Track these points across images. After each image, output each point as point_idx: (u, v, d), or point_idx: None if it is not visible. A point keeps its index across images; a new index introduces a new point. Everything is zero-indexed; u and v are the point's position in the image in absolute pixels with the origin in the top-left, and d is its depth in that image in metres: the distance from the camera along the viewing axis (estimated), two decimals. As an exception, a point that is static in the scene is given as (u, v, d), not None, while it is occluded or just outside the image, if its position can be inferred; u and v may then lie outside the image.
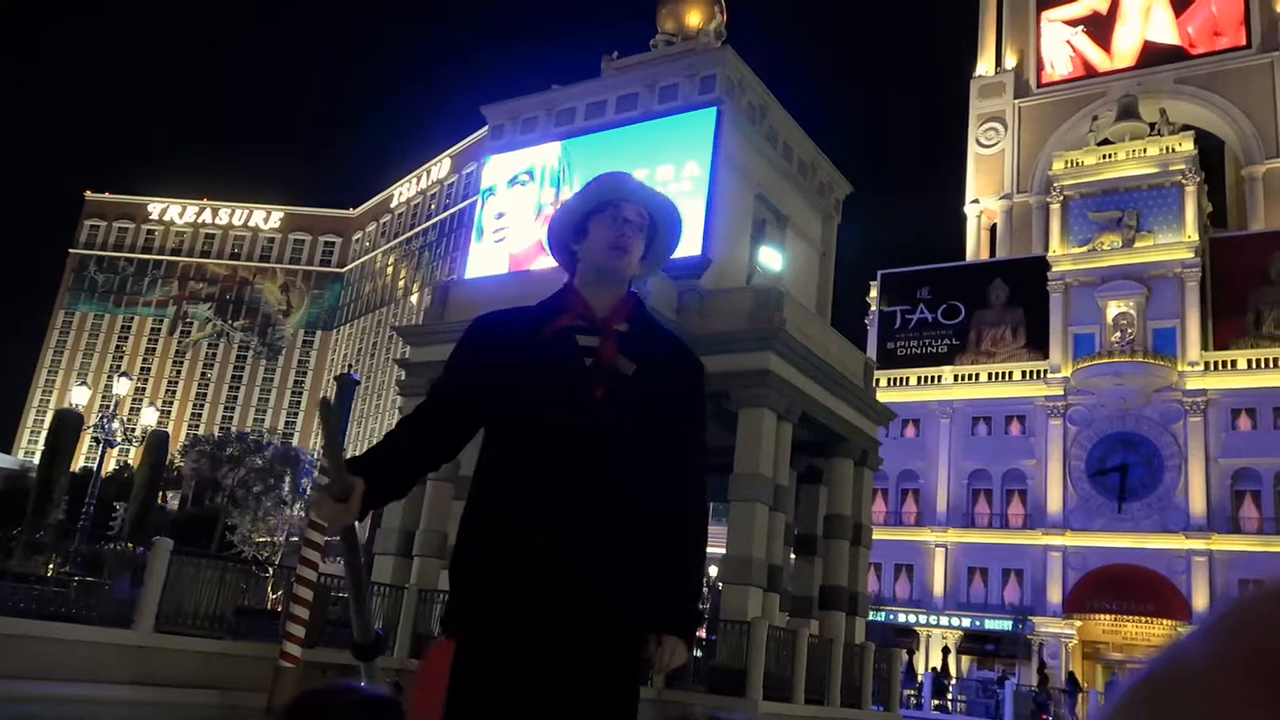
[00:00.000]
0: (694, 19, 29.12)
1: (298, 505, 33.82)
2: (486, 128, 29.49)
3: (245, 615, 16.21)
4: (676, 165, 23.73)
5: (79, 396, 33.07)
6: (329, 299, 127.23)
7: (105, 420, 29.64)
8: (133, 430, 33.19)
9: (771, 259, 24.99)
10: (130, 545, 29.76)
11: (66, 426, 33.52)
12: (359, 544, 2.41)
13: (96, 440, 30.90)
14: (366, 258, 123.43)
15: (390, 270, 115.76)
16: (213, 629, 15.19)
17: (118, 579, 20.97)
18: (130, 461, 31.88)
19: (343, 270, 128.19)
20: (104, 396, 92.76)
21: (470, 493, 2.42)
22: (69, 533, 30.06)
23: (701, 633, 24.65)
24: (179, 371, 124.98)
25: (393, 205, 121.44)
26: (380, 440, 2.41)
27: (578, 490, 2.30)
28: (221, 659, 14.56)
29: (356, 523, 2.30)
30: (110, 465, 39.33)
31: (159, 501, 39.13)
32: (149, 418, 34.96)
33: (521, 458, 2.35)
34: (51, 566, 27.50)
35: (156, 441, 34.60)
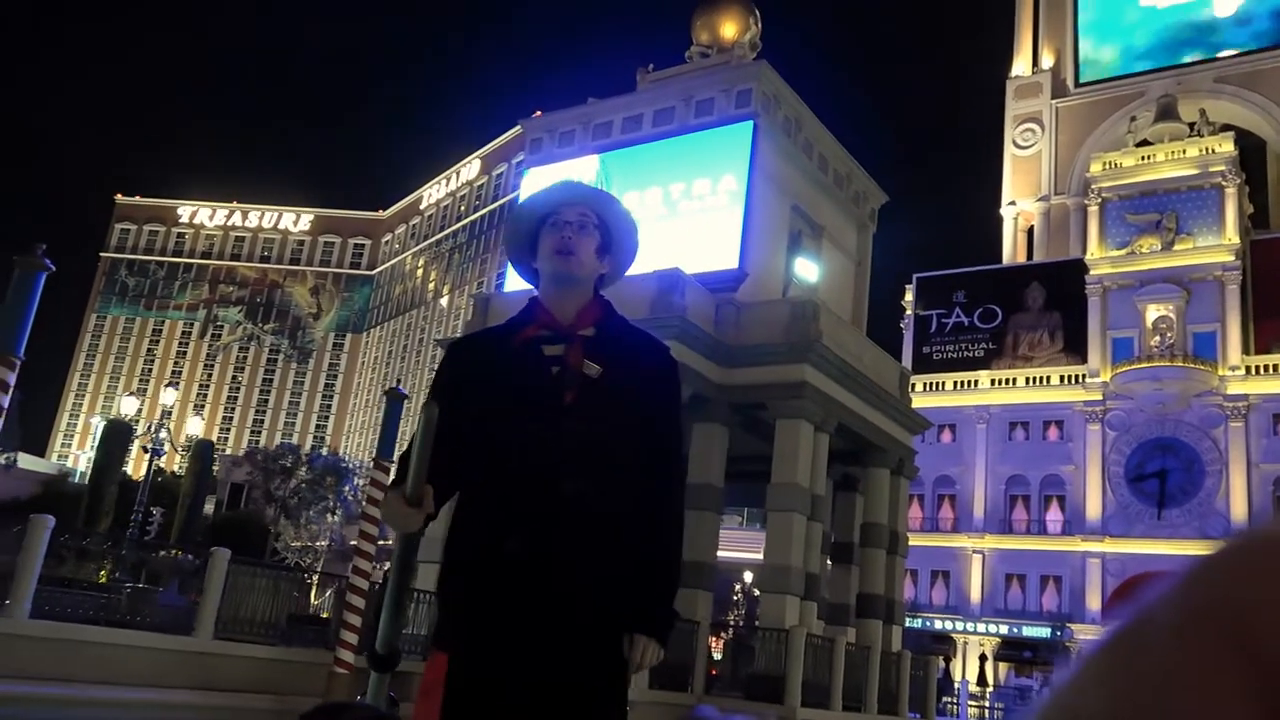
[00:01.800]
0: (729, 31, 29.41)
1: (338, 514, 34.55)
2: (517, 128, 29.97)
3: (298, 622, 16.72)
4: (713, 179, 24.05)
5: (128, 407, 33.96)
6: (359, 301, 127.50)
7: (154, 430, 30.43)
8: (177, 439, 34.02)
9: (807, 270, 25.25)
10: (178, 552, 30.51)
11: (117, 436, 34.51)
12: (415, 553, 2.46)
13: (145, 449, 31.71)
14: (396, 260, 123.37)
15: (420, 272, 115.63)
16: (268, 635, 15.70)
17: (166, 585, 21.55)
18: (163, 466, 32.82)
19: (372, 272, 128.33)
20: (136, 398, 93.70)
21: (454, 508, 2.48)
22: (117, 540, 30.91)
23: (732, 636, 24.97)
24: (210, 375, 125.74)
25: (422, 207, 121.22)
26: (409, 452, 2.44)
27: (551, 497, 2.32)
28: (277, 665, 15.06)
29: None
30: (141, 470, 40.24)
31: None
32: (194, 427, 35.90)
33: (496, 469, 2.38)
34: (104, 573, 28.20)
35: (201, 450, 35.50)
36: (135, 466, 51.50)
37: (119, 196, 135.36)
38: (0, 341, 12.11)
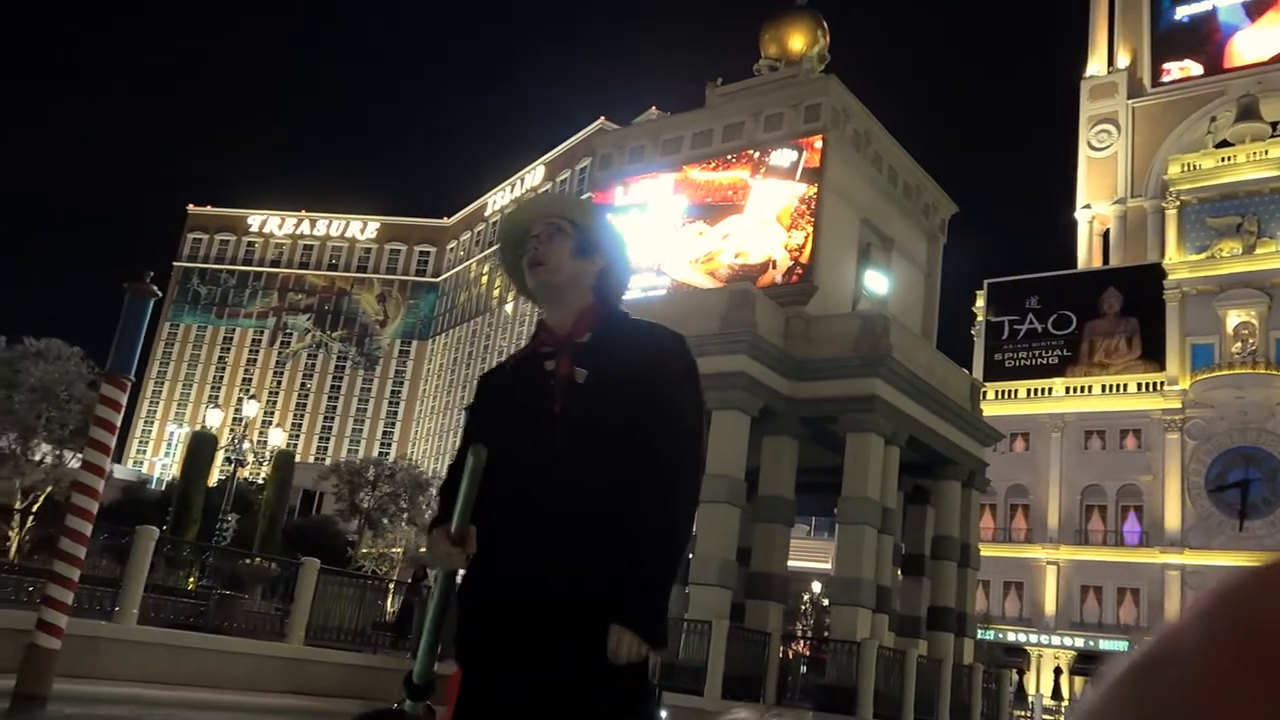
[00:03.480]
0: (797, 44, 29.62)
1: (415, 523, 35.52)
2: (582, 134, 30.42)
3: (382, 630, 17.37)
4: (782, 194, 24.28)
5: (213, 419, 35.25)
6: (424, 309, 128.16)
7: (238, 441, 31.57)
8: (261, 449, 35.30)
9: (877, 283, 25.33)
10: (261, 560, 31.62)
11: (203, 446, 35.88)
12: (454, 589, 2.50)
13: (229, 460, 32.85)
14: (461, 267, 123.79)
15: (485, 279, 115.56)
16: (355, 642, 16.37)
17: (251, 593, 22.38)
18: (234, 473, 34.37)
19: (438, 280, 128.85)
20: (207, 406, 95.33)
21: None
22: (207, 549, 32.15)
23: (804, 648, 25.11)
24: (279, 382, 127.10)
25: (487, 214, 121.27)
26: (451, 480, 2.50)
27: (533, 507, 2.35)
28: (363, 670, 15.70)
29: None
30: (213, 479, 41.66)
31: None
32: (276, 438, 37.16)
33: (492, 486, 2.37)
34: (192, 581, 29.27)
35: (283, 461, 36.68)
36: (209, 475, 53.13)
37: (191, 206, 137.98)
38: (114, 363, 12.91)
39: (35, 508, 28.69)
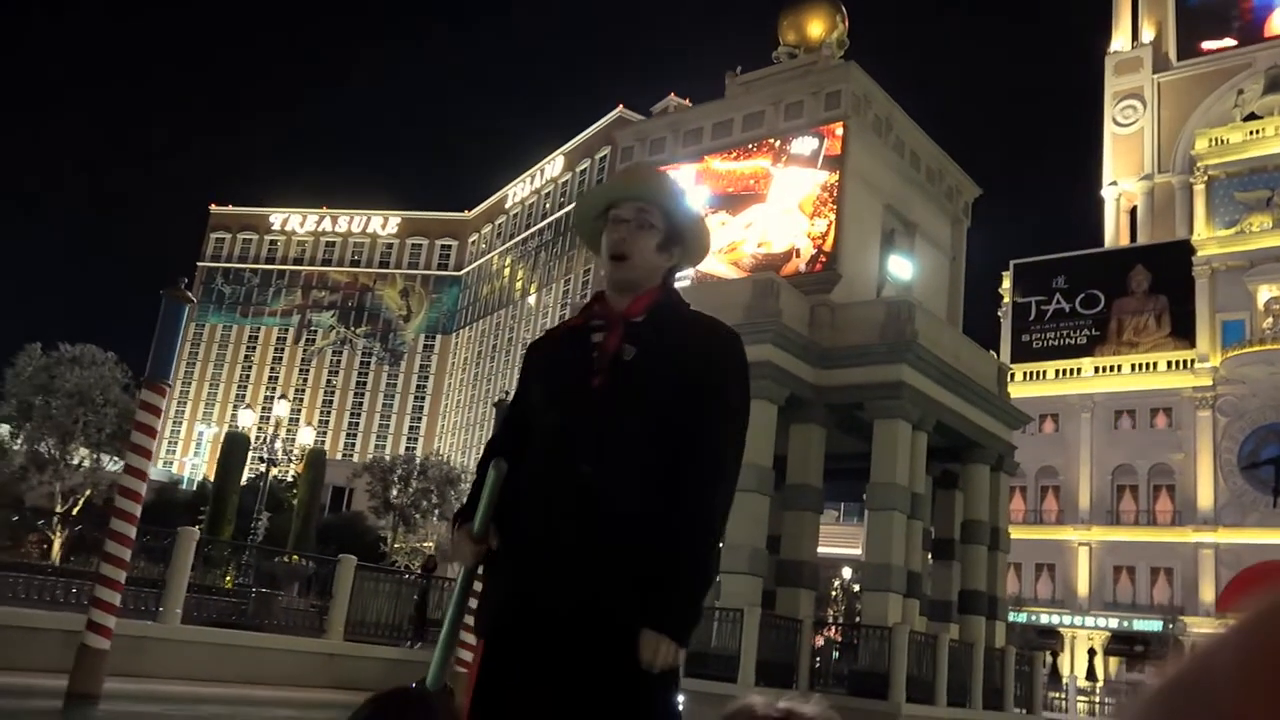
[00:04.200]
0: (816, 30, 29.53)
1: (446, 520, 35.98)
2: (601, 123, 30.48)
3: (419, 624, 17.65)
4: (804, 182, 24.30)
5: (245, 419, 35.71)
6: (447, 303, 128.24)
7: (269, 441, 31.98)
8: (291, 448, 35.71)
9: (901, 268, 25.30)
10: (296, 558, 32.07)
11: (236, 447, 36.41)
12: (471, 588, 2.47)
13: (262, 460, 33.27)
14: (483, 260, 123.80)
15: (507, 272, 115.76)
16: (393, 637, 16.65)
17: (287, 590, 22.70)
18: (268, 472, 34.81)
19: (460, 273, 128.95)
20: (235, 405, 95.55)
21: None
22: (243, 547, 32.62)
23: (836, 634, 25.23)
24: (305, 380, 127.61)
25: (507, 206, 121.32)
26: (480, 478, 2.46)
27: (566, 483, 2.28)
28: (403, 664, 15.97)
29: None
30: (244, 477, 42.18)
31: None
32: (307, 436, 37.62)
33: (528, 459, 2.36)
34: (228, 579, 29.70)
35: (315, 459, 37.14)
36: (267, 478, 53.69)
37: (213, 206, 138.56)
38: (152, 370, 13.20)
39: (75, 510, 29.25)
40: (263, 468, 32.75)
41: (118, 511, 12.08)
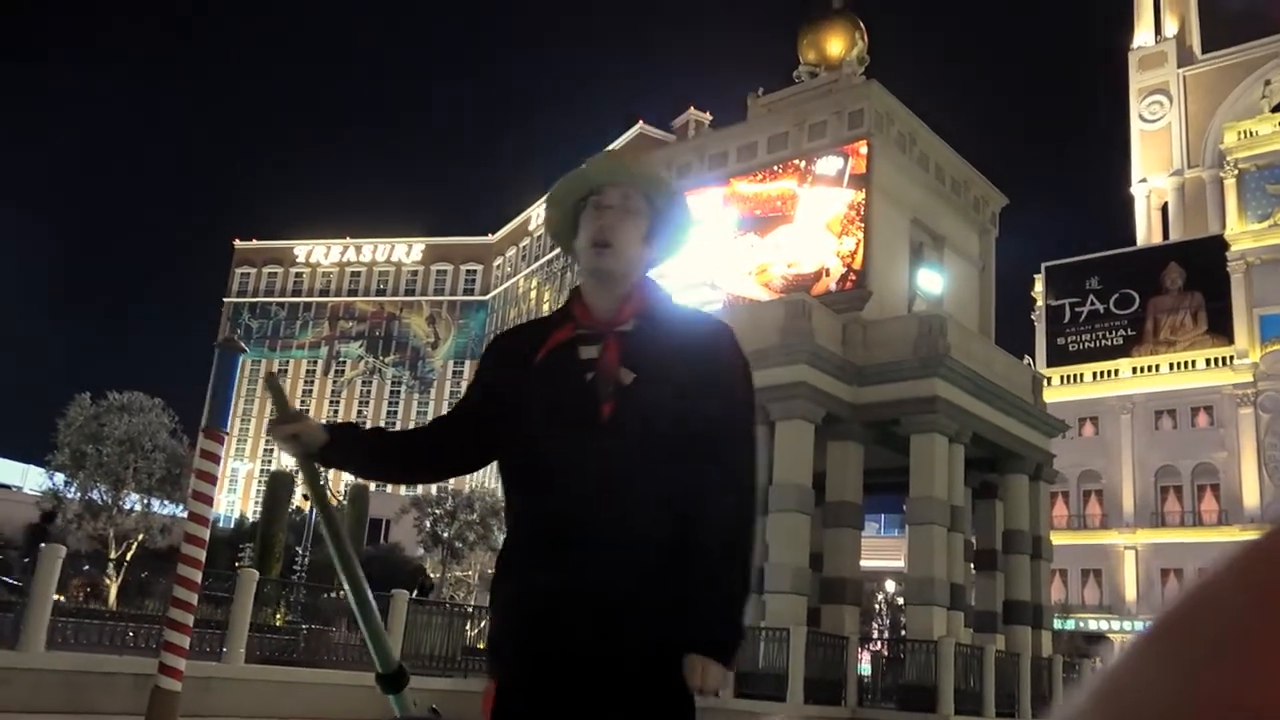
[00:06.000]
0: (836, 48, 29.89)
1: (490, 550, 36.45)
2: (622, 139, 30.86)
3: (472, 655, 18.03)
4: (831, 201, 24.59)
5: (287, 458, 36.40)
6: (475, 328, 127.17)
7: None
8: (335, 486, 36.43)
9: (931, 282, 25.49)
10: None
11: (280, 486, 37.20)
12: (344, 538, 2.31)
13: (305, 497, 33.91)
14: (509, 283, 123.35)
15: (534, 294, 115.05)
16: (446, 669, 17.03)
17: (338, 625, 23.07)
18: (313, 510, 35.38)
19: (486, 298, 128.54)
20: (265, 442, 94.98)
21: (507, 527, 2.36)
22: (287, 584, 33.18)
23: (882, 649, 25.30)
24: (335, 411, 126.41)
25: (531, 228, 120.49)
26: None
27: (586, 527, 2.13)
28: (458, 696, 16.34)
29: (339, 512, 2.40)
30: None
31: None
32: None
33: (534, 494, 2.23)
34: (279, 616, 30.21)
35: (358, 494, 37.85)
36: (313, 514, 54.35)
37: (237, 241, 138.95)
38: (209, 419, 13.72)
39: (129, 555, 29.97)
40: (309, 505, 33.37)
41: (184, 558, 12.55)
